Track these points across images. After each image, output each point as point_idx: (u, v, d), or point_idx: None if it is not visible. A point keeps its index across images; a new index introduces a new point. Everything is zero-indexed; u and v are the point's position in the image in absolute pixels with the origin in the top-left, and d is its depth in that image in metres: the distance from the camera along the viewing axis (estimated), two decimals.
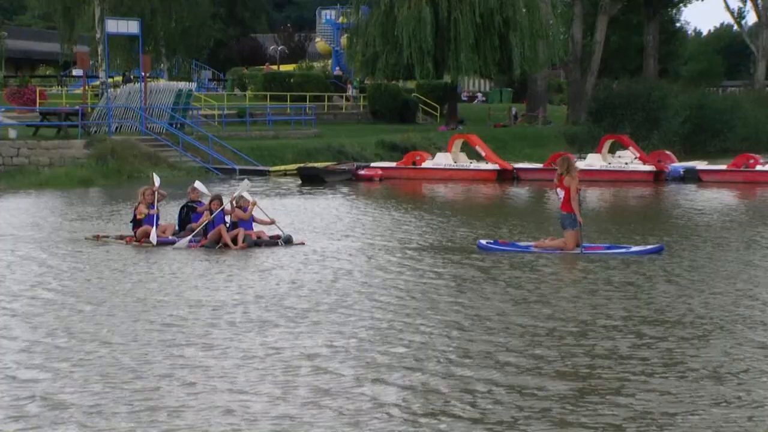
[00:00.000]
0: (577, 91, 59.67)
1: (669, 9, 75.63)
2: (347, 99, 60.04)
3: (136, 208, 19.15)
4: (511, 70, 51.36)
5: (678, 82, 64.04)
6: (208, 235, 18.34)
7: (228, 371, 9.83)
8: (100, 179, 34.90)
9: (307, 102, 53.33)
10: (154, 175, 20.17)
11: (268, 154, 41.22)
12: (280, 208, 25.27)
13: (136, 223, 19.02)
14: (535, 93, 61.55)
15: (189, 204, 19.65)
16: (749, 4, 75.50)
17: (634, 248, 17.33)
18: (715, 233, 20.85)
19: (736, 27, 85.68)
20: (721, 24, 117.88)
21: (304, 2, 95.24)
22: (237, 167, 38.77)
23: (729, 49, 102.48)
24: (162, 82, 47.81)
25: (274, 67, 68.98)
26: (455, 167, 37.31)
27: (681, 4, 77.31)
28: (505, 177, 37.05)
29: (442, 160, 37.64)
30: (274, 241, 18.43)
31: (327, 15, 71.38)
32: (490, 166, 37.43)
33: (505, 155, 40.66)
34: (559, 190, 17.26)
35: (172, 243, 18.49)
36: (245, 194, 18.91)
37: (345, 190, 33.14)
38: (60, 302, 13.40)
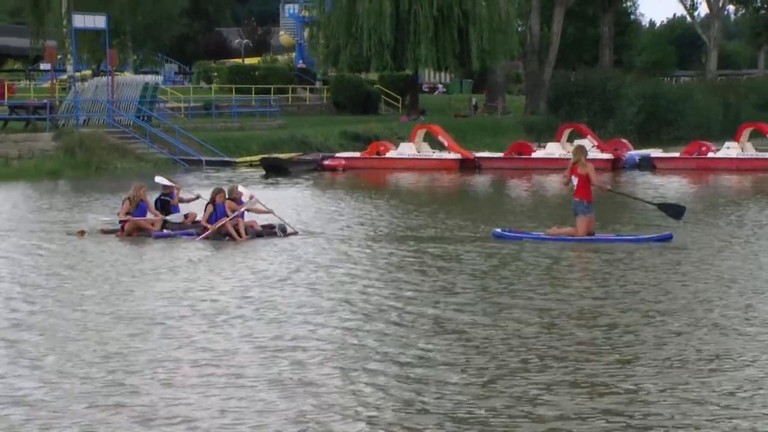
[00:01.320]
0: (535, 81, 60.68)
1: (624, 1, 76.91)
2: (312, 91, 60.80)
3: (123, 204, 19.18)
4: (471, 62, 52.39)
5: (632, 73, 65.36)
6: (211, 227, 18.33)
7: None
8: (69, 171, 35.48)
9: (272, 94, 54.04)
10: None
11: (234, 145, 41.89)
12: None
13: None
14: (494, 84, 62.52)
15: (162, 197, 19.89)
16: None
17: (643, 236, 17.74)
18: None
19: (688, 18, 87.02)
20: (674, 15, 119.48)
21: None
22: (203, 158, 39.50)
23: (681, 39, 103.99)
24: (128, 76, 48.34)
25: (237, 60, 69.49)
26: (418, 157, 38.09)
27: None
28: (466, 166, 37.86)
29: (406, 150, 38.40)
30: (273, 232, 18.60)
31: (290, 9, 72.04)
32: (452, 155, 38.28)
33: (466, 145, 41.49)
34: (573, 177, 17.72)
35: (168, 236, 18.57)
36: (241, 187, 19.15)
37: (309, 180, 33.80)
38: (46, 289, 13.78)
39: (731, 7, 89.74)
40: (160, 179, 20.36)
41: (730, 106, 63.43)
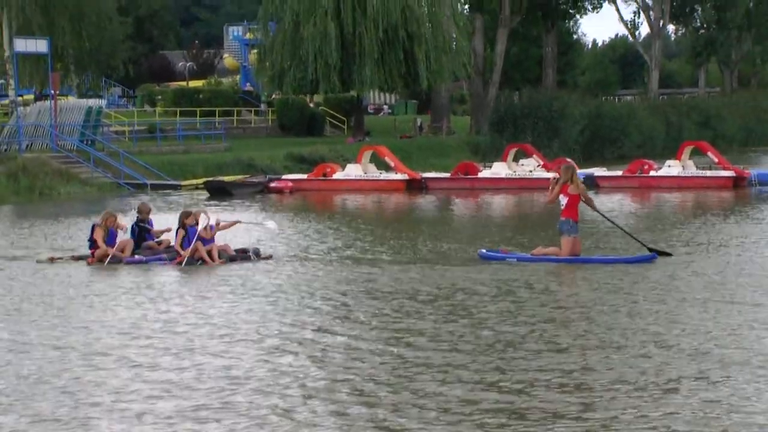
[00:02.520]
0: (480, 102, 61.03)
1: (566, 21, 77.74)
2: (257, 114, 60.81)
3: (93, 230, 18.84)
4: (418, 83, 52.62)
5: (576, 92, 66.06)
6: (184, 252, 18.05)
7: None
8: (12, 197, 35.22)
9: (217, 117, 53.91)
10: (120, 217, 19.71)
11: (179, 168, 41.73)
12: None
13: (94, 243, 18.74)
14: (439, 104, 62.80)
15: (139, 223, 19.43)
16: (642, 16, 78.00)
17: (628, 257, 17.64)
18: (614, 239, 21.56)
19: (630, 38, 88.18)
20: (616, 35, 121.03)
21: (211, 19, 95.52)
22: (148, 182, 39.31)
23: (624, 59, 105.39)
24: (72, 100, 47.99)
25: (182, 83, 69.24)
26: (365, 178, 38.13)
27: (577, 15, 79.37)
28: (413, 187, 38.00)
29: (353, 171, 38.42)
30: (247, 256, 18.37)
31: (234, 31, 71.95)
32: (399, 176, 38.35)
33: (411, 165, 41.58)
34: (562, 196, 17.53)
35: (140, 262, 18.36)
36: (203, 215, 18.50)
37: (255, 202, 33.65)
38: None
39: (671, 27, 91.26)
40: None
41: (672, 125, 64.30)
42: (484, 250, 18.26)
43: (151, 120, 52.46)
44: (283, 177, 39.34)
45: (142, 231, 19.38)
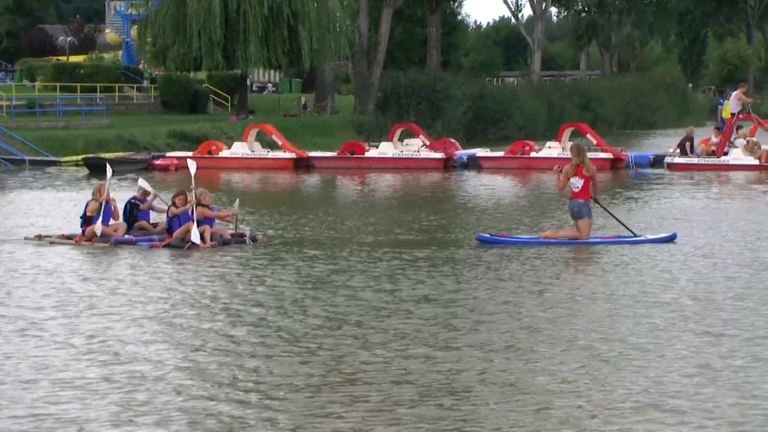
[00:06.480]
0: (364, 81, 61.14)
1: (450, 2, 78.29)
2: (139, 90, 60.00)
3: (87, 205, 17.97)
4: (301, 61, 52.53)
5: (460, 73, 66.66)
6: (174, 233, 17.26)
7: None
8: None
9: (98, 93, 52.94)
10: (108, 167, 18.95)
11: (59, 144, 40.88)
12: (66, 200, 25.88)
13: (86, 220, 17.83)
14: (324, 83, 62.76)
15: (133, 201, 18.68)
16: None
17: (647, 236, 17.53)
18: (506, 218, 21.89)
19: (513, 20, 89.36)
20: (501, 17, 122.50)
21: None
22: (27, 158, 38.47)
23: (507, 41, 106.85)
24: None
25: (62, 58, 67.84)
26: (253, 156, 37.93)
27: None
28: (300, 165, 37.99)
29: (239, 149, 38.18)
30: (242, 240, 17.59)
31: (117, 6, 70.72)
32: (287, 155, 38.27)
33: (295, 144, 41.30)
34: (576, 178, 17.31)
35: (129, 242, 17.51)
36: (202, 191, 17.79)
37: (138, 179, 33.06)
38: None
39: (554, 10, 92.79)
40: (142, 183, 18.97)
41: (554, 107, 65.33)
42: (487, 234, 17.75)
43: (30, 95, 51.23)
44: (168, 154, 38.85)
45: (133, 208, 18.56)
